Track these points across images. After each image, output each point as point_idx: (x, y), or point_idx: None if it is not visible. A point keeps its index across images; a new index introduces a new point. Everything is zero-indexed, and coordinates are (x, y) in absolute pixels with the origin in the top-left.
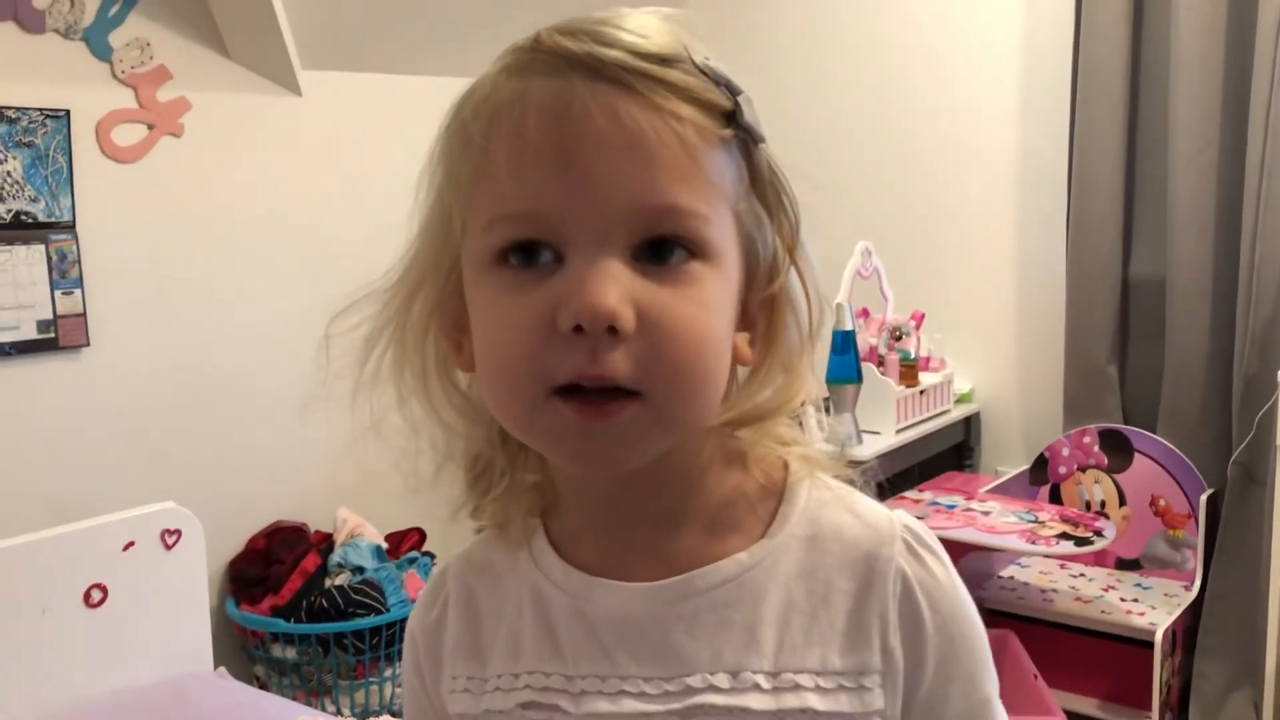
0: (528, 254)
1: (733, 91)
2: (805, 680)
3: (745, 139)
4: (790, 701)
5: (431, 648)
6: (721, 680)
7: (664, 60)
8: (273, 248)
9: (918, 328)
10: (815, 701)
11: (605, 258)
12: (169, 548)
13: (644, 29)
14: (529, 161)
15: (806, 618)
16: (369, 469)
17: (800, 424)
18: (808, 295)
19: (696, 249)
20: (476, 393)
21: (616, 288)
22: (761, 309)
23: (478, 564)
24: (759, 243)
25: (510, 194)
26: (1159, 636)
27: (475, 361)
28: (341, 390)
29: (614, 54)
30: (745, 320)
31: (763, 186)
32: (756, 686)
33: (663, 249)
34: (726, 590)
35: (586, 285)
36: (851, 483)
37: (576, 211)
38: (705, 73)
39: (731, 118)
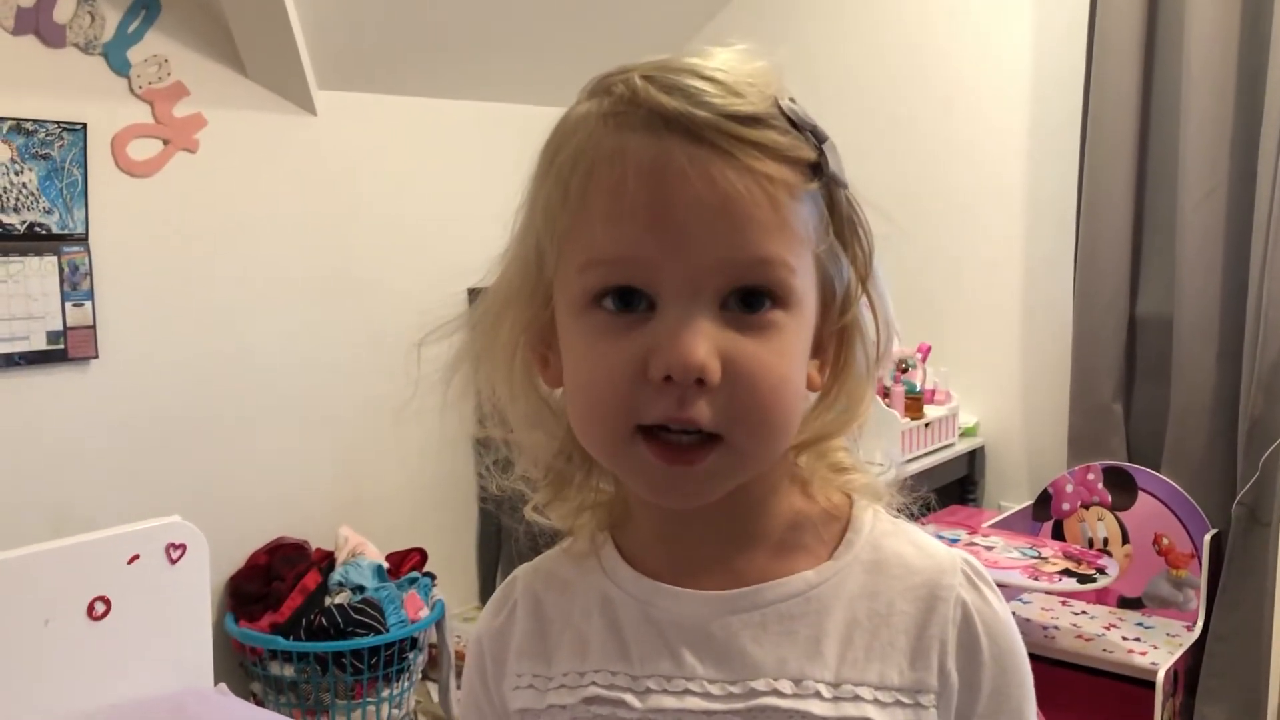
0: (623, 300)
1: (819, 139)
2: (865, 693)
3: (828, 184)
4: (849, 710)
5: (497, 649)
6: (785, 686)
7: (756, 120)
8: (283, 265)
9: (923, 360)
10: (873, 713)
11: (696, 310)
12: (173, 562)
13: (735, 83)
14: (625, 215)
15: (868, 635)
16: (372, 487)
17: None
18: (877, 324)
19: (781, 299)
20: (557, 406)
21: (705, 341)
22: (833, 338)
23: (545, 574)
24: (835, 278)
25: (605, 241)
26: (1160, 677)
27: (566, 394)
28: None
29: (708, 116)
30: (817, 348)
31: (841, 224)
32: (818, 694)
33: (751, 299)
34: (793, 604)
35: (679, 339)
36: (911, 516)
37: (670, 265)
38: (793, 121)
39: (817, 168)
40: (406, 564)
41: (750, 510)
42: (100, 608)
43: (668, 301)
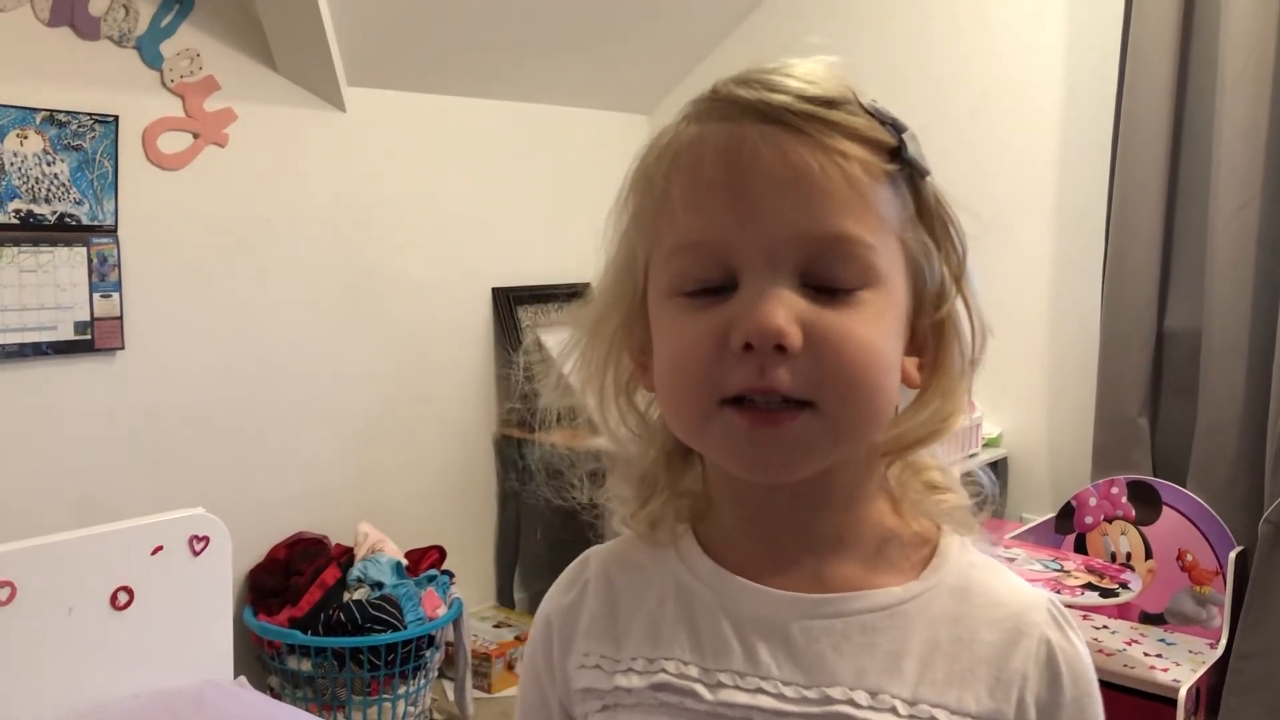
0: (708, 285)
1: (898, 129)
2: (941, 715)
3: (911, 173)
4: None
5: (565, 626)
6: (861, 697)
7: (830, 103)
8: (309, 261)
9: None
10: None
11: (775, 282)
12: (197, 554)
13: (811, 75)
14: (703, 196)
15: (949, 659)
16: (392, 485)
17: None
18: (972, 323)
19: (865, 278)
20: (653, 416)
21: (784, 309)
22: (930, 335)
23: (620, 557)
24: (927, 271)
25: (686, 226)
26: (1182, 694)
27: (656, 380)
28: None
29: (782, 99)
30: (915, 345)
31: (929, 218)
32: (894, 710)
33: (833, 279)
34: (877, 617)
35: (756, 307)
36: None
37: (747, 240)
38: (871, 113)
39: (896, 153)
40: (425, 561)
41: (839, 514)
42: (123, 598)
43: (747, 277)
